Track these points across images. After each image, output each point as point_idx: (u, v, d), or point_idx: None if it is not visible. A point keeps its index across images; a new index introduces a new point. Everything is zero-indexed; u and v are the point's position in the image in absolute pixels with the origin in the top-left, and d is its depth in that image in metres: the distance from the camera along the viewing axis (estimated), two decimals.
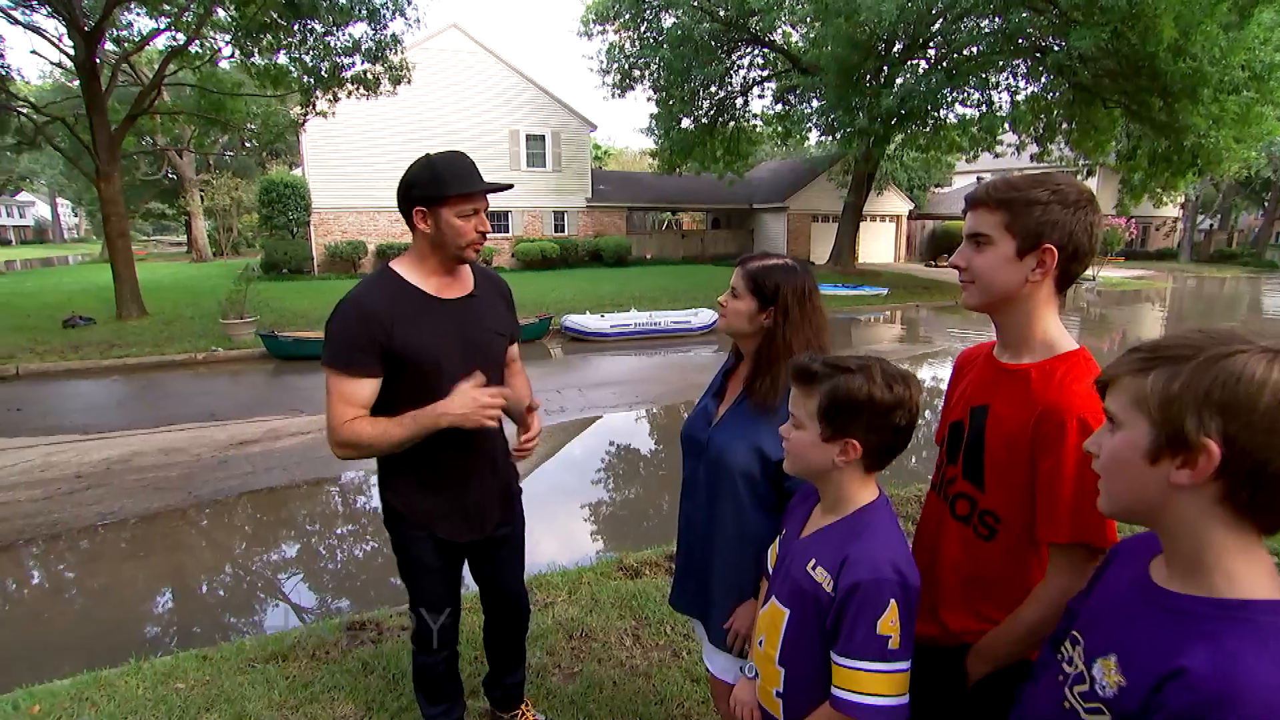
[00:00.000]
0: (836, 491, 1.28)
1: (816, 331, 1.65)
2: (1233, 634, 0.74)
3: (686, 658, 2.80)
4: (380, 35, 12.51)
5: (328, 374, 1.75)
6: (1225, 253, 34.68)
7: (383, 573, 4.45)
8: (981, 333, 14.26)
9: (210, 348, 10.78)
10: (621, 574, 3.64)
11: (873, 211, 26.97)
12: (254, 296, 12.02)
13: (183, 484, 5.62)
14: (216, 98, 13.48)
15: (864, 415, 1.20)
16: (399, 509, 1.96)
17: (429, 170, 1.76)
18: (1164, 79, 13.57)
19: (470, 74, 22.51)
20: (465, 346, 1.87)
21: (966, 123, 17.81)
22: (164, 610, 4.09)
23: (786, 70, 20.37)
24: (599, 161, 38.11)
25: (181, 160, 28.32)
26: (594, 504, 5.63)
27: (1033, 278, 1.22)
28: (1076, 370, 1.19)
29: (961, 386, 1.40)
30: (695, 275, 21.17)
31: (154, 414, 7.79)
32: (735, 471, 1.64)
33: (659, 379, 10.01)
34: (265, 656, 2.92)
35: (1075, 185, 1.22)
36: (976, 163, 23.51)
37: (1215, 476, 0.76)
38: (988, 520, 1.26)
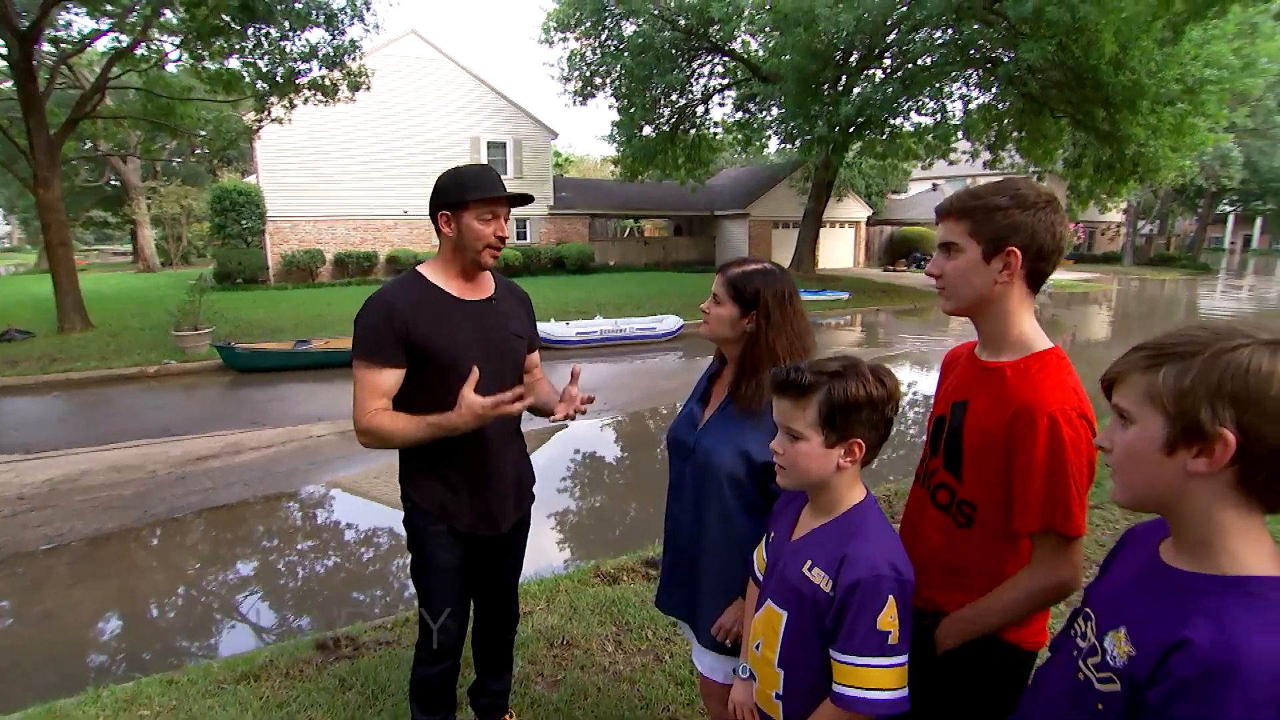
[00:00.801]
0: (831, 495, 1.31)
1: (798, 334, 1.70)
2: (1234, 607, 0.79)
3: (669, 661, 2.82)
4: (338, 41, 12.31)
5: (355, 364, 1.88)
6: (1164, 256, 36.30)
7: (355, 588, 4.37)
8: (942, 335, 14.66)
9: (162, 360, 10.43)
10: (599, 581, 3.65)
11: (832, 217, 27.48)
12: (208, 307, 11.66)
13: (137, 502, 5.43)
14: (165, 102, 13.06)
15: (864, 414, 1.24)
16: (419, 502, 2.00)
17: (455, 178, 1.92)
18: (1106, 90, 14.21)
19: (430, 81, 22.29)
20: (484, 346, 1.95)
21: (922, 131, 18.34)
22: (122, 635, 3.92)
23: (747, 79, 20.67)
24: (560, 169, 38.04)
25: (126, 166, 27.30)
26: (566, 513, 5.61)
27: (1001, 279, 1.29)
28: (1049, 369, 1.26)
29: (946, 384, 1.47)
30: (659, 282, 21.28)
31: (102, 430, 7.51)
32: (722, 474, 1.67)
33: (626, 386, 10.03)
34: (235, 678, 2.84)
35: (1034, 188, 1.29)
36: (932, 169, 24.18)
37: (1231, 463, 0.81)
38: (965, 509, 1.33)
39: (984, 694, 1.32)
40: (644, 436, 8.01)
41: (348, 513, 5.59)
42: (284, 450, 6.71)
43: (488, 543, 2.09)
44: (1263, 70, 16.65)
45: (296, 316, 14.12)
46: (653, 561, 3.83)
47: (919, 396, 9.36)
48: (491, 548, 2.12)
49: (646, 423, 8.42)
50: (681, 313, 14.39)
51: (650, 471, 6.52)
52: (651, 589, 3.47)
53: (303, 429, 7.33)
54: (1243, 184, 33.56)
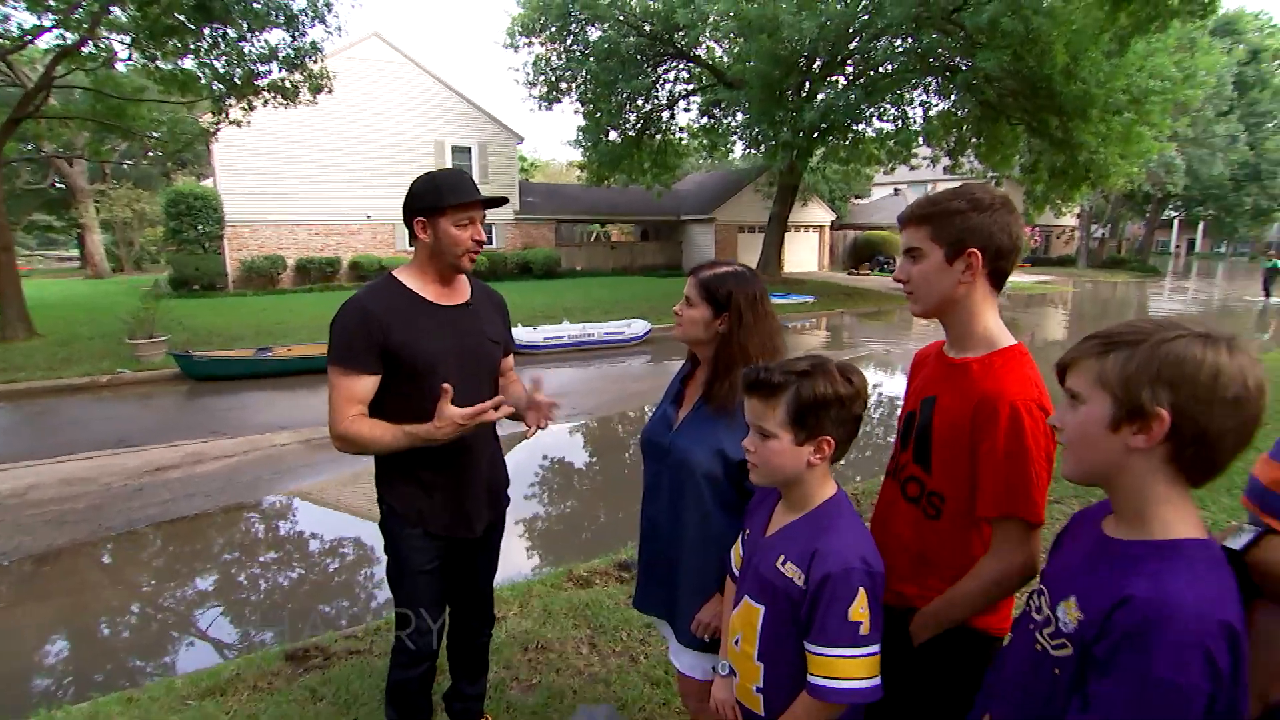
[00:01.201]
0: (803, 490, 1.35)
1: (770, 334, 1.74)
2: (1166, 567, 0.90)
3: (644, 662, 2.85)
4: (299, 42, 12.08)
5: (330, 370, 1.87)
6: (1116, 259, 37.63)
7: (323, 598, 4.29)
8: (904, 337, 14.96)
9: (116, 369, 10.10)
10: (572, 584, 3.65)
11: (797, 222, 27.85)
12: (164, 314, 11.33)
13: (90, 516, 5.25)
14: (115, 103, 12.64)
15: (832, 411, 1.28)
16: (395, 505, 2.00)
17: (430, 183, 1.91)
18: (1059, 99, 14.73)
19: (393, 84, 22.02)
20: (461, 351, 1.96)
21: (884, 136, 18.72)
22: (75, 655, 3.78)
23: (712, 85, 20.87)
24: (526, 173, 37.86)
25: (72, 169, 26.37)
26: (537, 517, 5.60)
27: (964, 279, 1.36)
28: (1012, 363, 1.33)
29: (916, 381, 1.53)
30: (626, 286, 21.32)
31: (51, 443, 7.23)
32: (698, 474, 1.70)
33: (595, 390, 10.03)
34: (200, 693, 2.78)
35: (989, 192, 1.37)
36: (894, 175, 24.70)
37: (1164, 440, 0.92)
38: (935, 501, 1.38)
39: (955, 678, 1.37)
40: (614, 440, 8.02)
41: (314, 522, 5.49)
42: (246, 460, 6.56)
43: (463, 545, 2.10)
44: (1201, 82, 17.45)
45: (257, 323, 13.81)
46: (625, 564, 3.85)
47: (883, 397, 9.54)
48: (467, 550, 2.13)
49: (616, 427, 8.43)
50: (649, 317, 14.44)
51: (621, 475, 6.54)
52: (625, 591, 3.49)
53: (265, 438, 7.18)
54: (1185, 190, 34.98)
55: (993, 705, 1.16)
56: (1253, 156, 35.06)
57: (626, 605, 3.30)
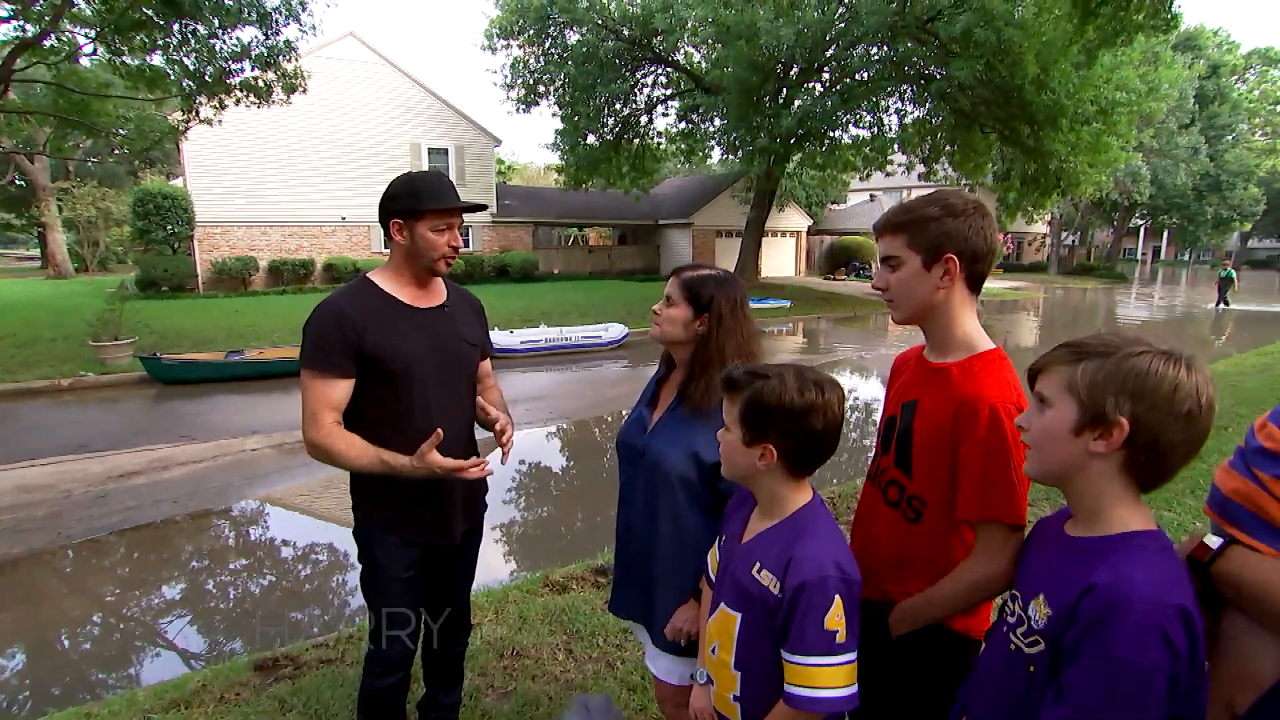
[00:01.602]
0: (770, 495, 1.36)
1: (747, 338, 1.75)
2: (1124, 557, 0.98)
3: (621, 668, 2.83)
4: (272, 41, 11.88)
5: (304, 373, 1.83)
6: (1085, 266, 38.49)
7: (294, 606, 4.21)
8: (879, 341, 15.12)
9: (79, 372, 9.83)
10: (548, 590, 3.62)
11: (774, 227, 28.05)
12: (131, 316, 11.06)
13: (49, 524, 5.10)
14: (79, 98, 12.32)
15: (777, 419, 1.28)
16: (370, 512, 1.96)
17: (409, 185, 1.88)
18: (1030, 109, 15.04)
19: (369, 85, 21.77)
20: (437, 354, 1.94)
21: (860, 143, 18.94)
22: (33, 668, 3.66)
23: (690, 89, 20.97)
24: (504, 176, 37.69)
25: (33, 165, 25.69)
26: (513, 522, 5.55)
27: (942, 284, 1.37)
28: (991, 367, 1.34)
29: (897, 386, 1.54)
30: (603, 290, 21.29)
31: (8, 448, 7.01)
32: (673, 476, 1.70)
33: (573, 394, 10.00)
34: (164, 705, 2.70)
35: (962, 197, 1.39)
36: (869, 181, 24.99)
37: (1121, 446, 0.99)
38: (915, 504, 1.39)
39: (932, 680, 1.38)
40: (591, 444, 7.99)
41: (285, 528, 5.38)
42: (215, 465, 6.42)
43: (440, 552, 2.06)
44: (1164, 95, 17.95)
45: (229, 326, 13.54)
46: (602, 569, 3.83)
47: (858, 402, 9.63)
48: (444, 558, 2.10)
49: (593, 430, 8.40)
50: (626, 321, 14.44)
51: (598, 479, 6.51)
52: (601, 596, 3.46)
53: (236, 442, 7.04)
54: (1151, 199, 35.96)
55: (970, 705, 1.17)
56: (1213, 168, 36.20)
57: (603, 611, 3.28)
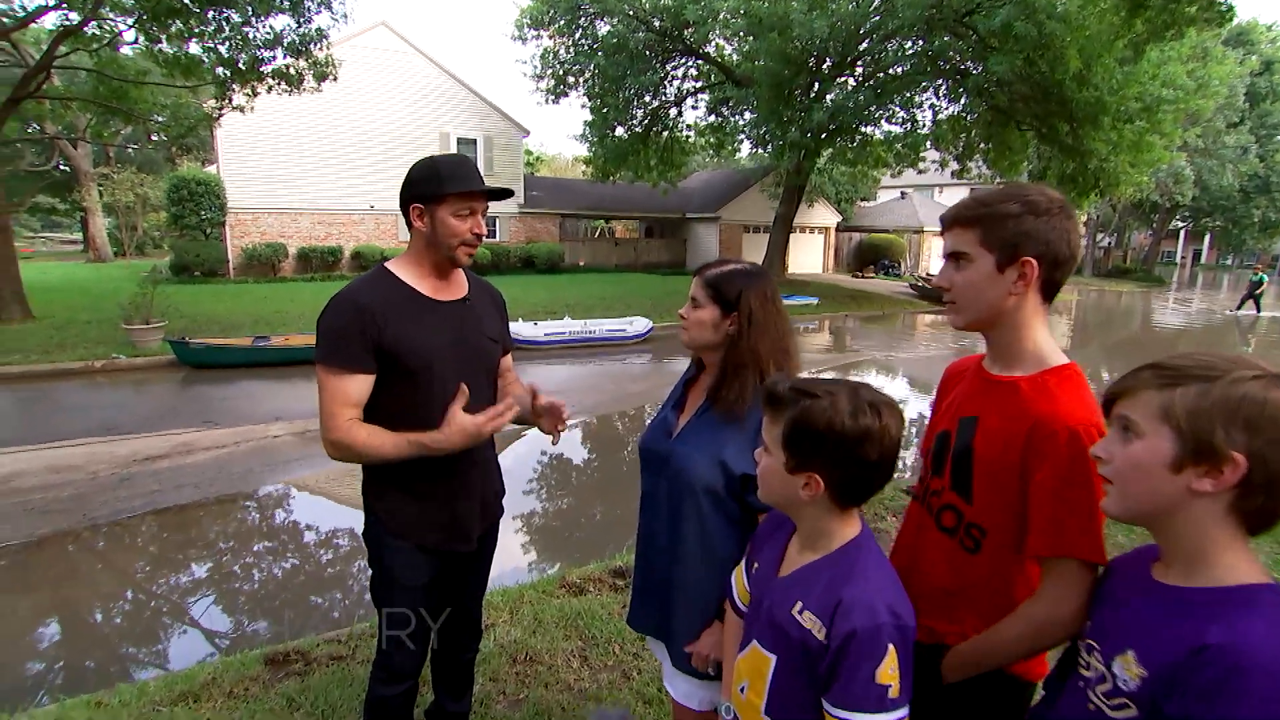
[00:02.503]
0: (813, 525, 1.21)
1: (782, 335, 1.62)
2: (1241, 614, 0.85)
3: (637, 679, 2.72)
4: (305, 29, 11.92)
5: (320, 370, 1.73)
6: (1121, 268, 37.47)
7: (306, 597, 4.17)
8: (908, 342, 14.81)
9: (111, 355, 9.97)
10: (565, 591, 3.53)
11: (802, 223, 27.69)
12: (162, 300, 11.19)
13: (75, 505, 5.13)
14: (118, 85, 12.50)
15: (826, 446, 1.13)
16: (383, 516, 1.86)
17: (431, 169, 1.77)
18: (1070, 105, 14.55)
19: (400, 74, 21.86)
20: (458, 349, 1.83)
21: (892, 139, 18.53)
22: (48, 653, 3.66)
23: (720, 82, 20.69)
24: (532, 167, 37.71)
25: (76, 151, 26.22)
26: (531, 519, 5.47)
27: (1015, 290, 1.22)
28: (1067, 384, 1.19)
29: (950, 397, 1.39)
30: (629, 283, 21.19)
31: (41, 428, 7.12)
32: (698, 486, 1.58)
33: (595, 388, 9.90)
34: (173, 698, 2.66)
35: (1047, 194, 1.22)
36: (901, 178, 24.52)
37: (1233, 485, 0.86)
38: (974, 533, 1.25)
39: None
40: (613, 440, 7.89)
41: (304, 516, 5.37)
42: (238, 451, 6.44)
43: (454, 558, 1.96)
44: (1214, 92, 17.26)
45: (257, 312, 13.68)
46: (620, 571, 3.73)
47: None
48: (458, 563, 1.99)
49: (615, 425, 8.30)
50: (651, 315, 14.33)
51: (619, 476, 6.41)
52: (618, 600, 3.36)
53: (259, 429, 7.05)
54: (1194, 201, 34.79)
55: None
56: (1263, 168, 34.84)
57: (620, 616, 3.18)
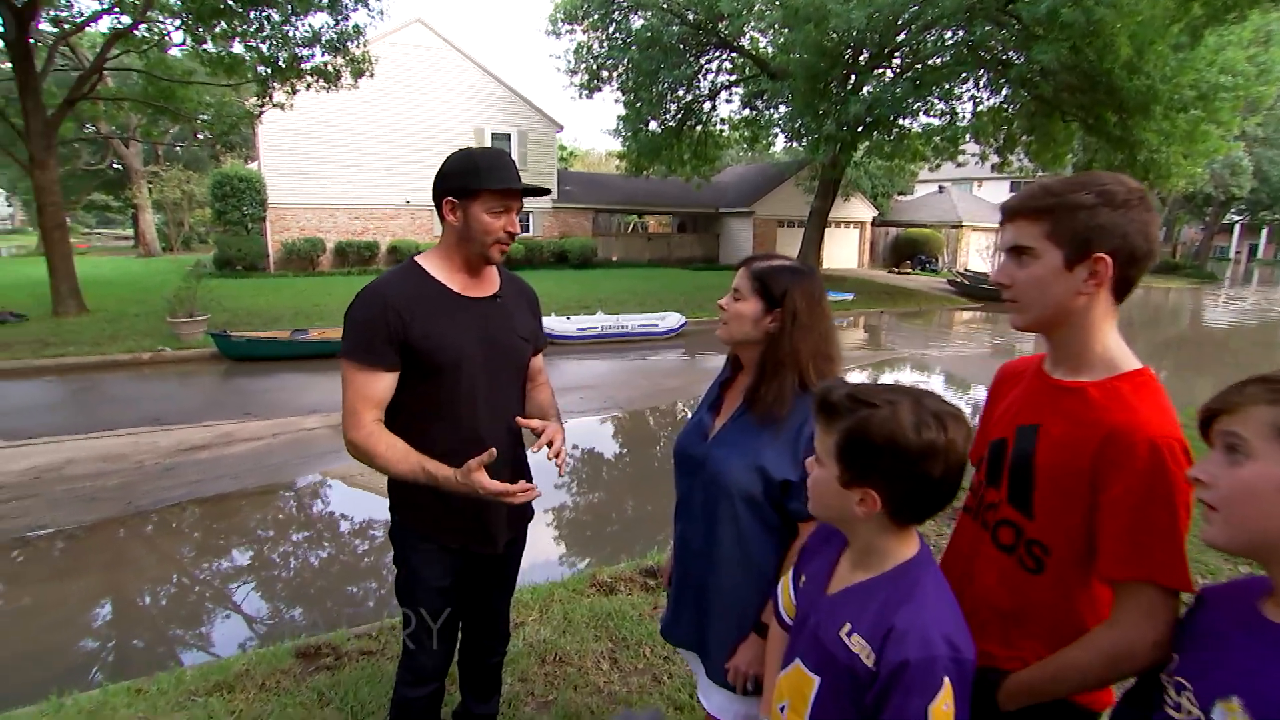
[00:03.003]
0: (867, 542, 1.12)
1: (824, 337, 1.54)
2: None
3: (669, 683, 2.65)
4: (342, 26, 12.09)
5: (344, 365, 1.69)
6: (1170, 264, 36.02)
7: (341, 589, 4.20)
8: (944, 340, 14.46)
9: (157, 347, 10.25)
10: (595, 590, 3.48)
11: (838, 218, 27.24)
12: (205, 294, 11.47)
13: (121, 494, 5.26)
14: (165, 85, 12.85)
15: (886, 461, 1.03)
16: (408, 517, 1.83)
17: (467, 162, 1.71)
18: (1119, 95, 13.98)
19: (435, 70, 22.06)
20: (488, 348, 1.78)
21: (930, 132, 18.07)
22: (93, 637, 3.75)
23: (755, 75, 20.42)
24: (565, 162, 37.81)
25: (128, 150, 27.07)
26: (562, 514, 5.44)
27: (1085, 289, 1.11)
28: (1145, 390, 1.08)
29: (1005, 403, 1.29)
30: (662, 278, 21.10)
31: (91, 418, 7.34)
32: (734, 491, 1.50)
33: (627, 383, 9.86)
34: (208, 688, 2.68)
35: (1124, 183, 1.10)
36: (939, 171, 23.95)
37: None
38: (1035, 551, 1.14)
39: None
40: (645, 435, 7.84)
41: (337, 508, 5.43)
42: (275, 442, 6.54)
43: (481, 560, 1.91)
44: (1276, 78, 16.42)
45: (295, 305, 13.95)
46: (652, 570, 3.67)
47: None
48: (485, 565, 1.95)
49: (648, 420, 8.25)
50: (684, 310, 14.23)
51: (651, 472, 6.36)
52: (650, 601, 3.30)
53: (295, 421, 7.16)
54: (1252, 193, 33.28)
55: None
56: None
57: (651, 617, 3.12)
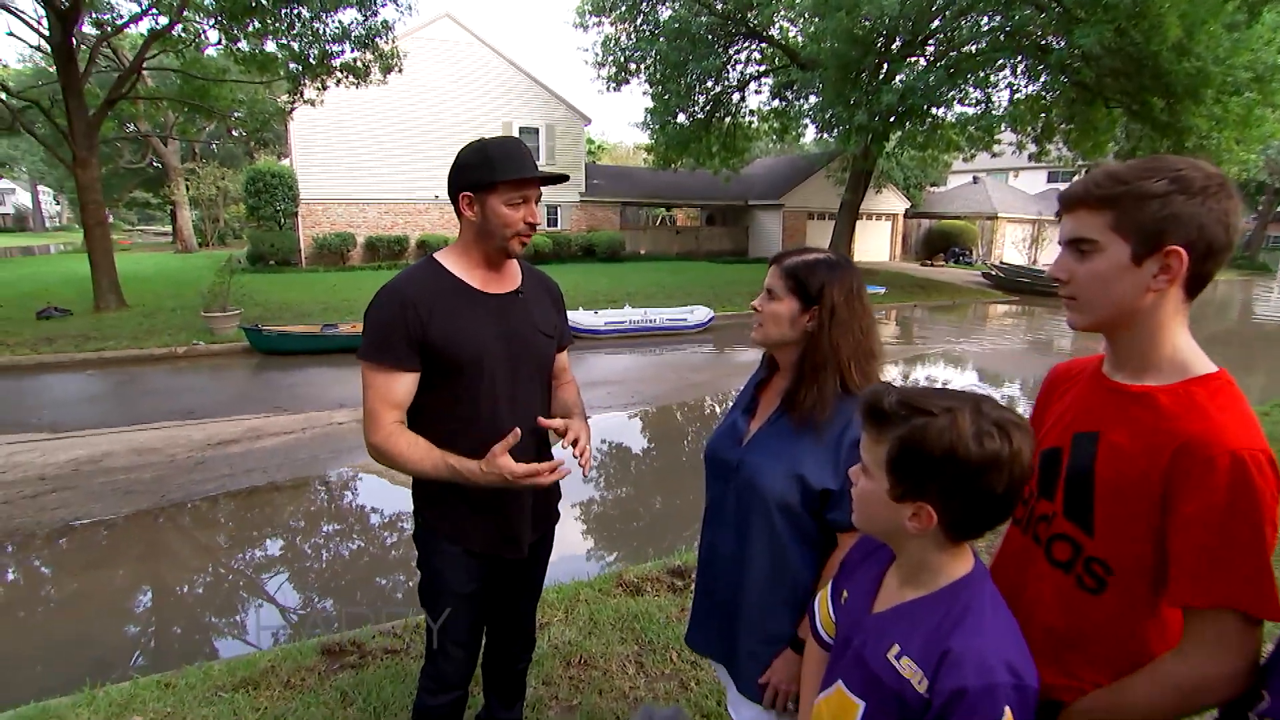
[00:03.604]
0: (918, 559, 1.03)
1: (865, 333, 1.45)
2: None
3: (696, 689, 2.58)
4: (370, 22, 12.17)
5: (363, 367, 1.67)
6: None
7: (363, 585, 4.20)
8: (978, 334, 14.11)
9: (191, 341, 10.45)
10: (621, 590, 3.42)
11: (869, 210, 26.80)
12: (238, 288, 11.67)
13: (155, 486, 5.34)
14: (200, 84, 13.09)
15: (943, 474, 0.94)
16: (432, 520, 1.78)
17: (480, 154, 1.66)
18: (1167, 78, 13.43)
19: (463, 65, 22.16)
20: (510, 345, 1.72)
21: (965, 121, 17.63)
22: (126, 628, 3.81)
23: (784, 65, 20.12)
24: (593, 156, 37.76)
25: (166, 148, 27.78)
26: (589, 512, 5.39)
27: (1155, 285, 0.99)
28: (1221, 398, 0.96)
29: (1059, 408, 1.17)
30: (690, 272, 20.97)
31: (129, 411, 7.49)
32: (770, 500, 1.42)
33: (655, 378, 9.78)
34: (235, 684, 2.67)
35: (1201, 168, 0.98)
36: (973, 162, 23.38)
37: None
38: (1096, 570, 1.04)
39: None
40: (673, 430, 7.77)
41: (365, 503, 5.45)
42: (304, 437, 6.60)
43: (506, 564, 1.86)
44: None
45: (326, 300, 14.13)
46: (679, 570, 3.60)
47: None
48: (510, 570, 1.89)
49: (675, 416, 8.17)
50: (713, 304, 14.12)
51: (678, 468, 6.29)
52: (677, 603, 3.23)
53: (324, 415, 7.22)
54: None
55: None
56: None
57: (679, 620, 3.05)
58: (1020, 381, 10.24)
